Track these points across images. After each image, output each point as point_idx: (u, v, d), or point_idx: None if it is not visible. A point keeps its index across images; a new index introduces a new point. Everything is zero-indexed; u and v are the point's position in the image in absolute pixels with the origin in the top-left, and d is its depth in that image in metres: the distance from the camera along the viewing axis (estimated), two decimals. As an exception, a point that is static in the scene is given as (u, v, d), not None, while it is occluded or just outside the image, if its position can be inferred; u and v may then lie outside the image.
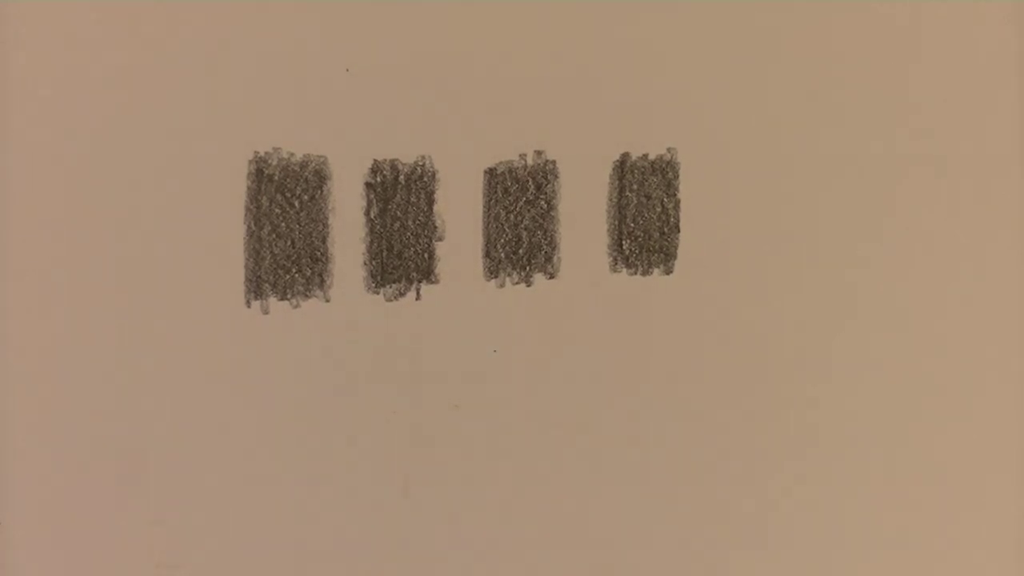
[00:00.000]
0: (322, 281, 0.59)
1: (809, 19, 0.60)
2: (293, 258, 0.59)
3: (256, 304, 0.59)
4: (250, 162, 0.59)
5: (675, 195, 0.60)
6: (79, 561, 0.58)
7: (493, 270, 0.60)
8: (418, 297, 0.60)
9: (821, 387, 0.59)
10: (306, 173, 0.59)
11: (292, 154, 0.59)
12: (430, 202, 0.60)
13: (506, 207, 0.60)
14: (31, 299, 0.58)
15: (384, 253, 0.60)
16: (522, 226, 0.60)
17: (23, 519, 0.58)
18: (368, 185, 0.60)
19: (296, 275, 0.59)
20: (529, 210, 0.60)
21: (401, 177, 0.60)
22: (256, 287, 0.59)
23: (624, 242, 0.60)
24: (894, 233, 0.60)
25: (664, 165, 0.60)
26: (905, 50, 0.60)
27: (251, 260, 0.59)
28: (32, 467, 0.58)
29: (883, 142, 0.59)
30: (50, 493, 0.58)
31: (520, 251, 0.60)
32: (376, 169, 0.60)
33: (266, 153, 0.59)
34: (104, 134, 0.58)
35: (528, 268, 0.60)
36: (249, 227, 0.59)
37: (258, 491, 0.58)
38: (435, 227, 0.60)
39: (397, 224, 0.60)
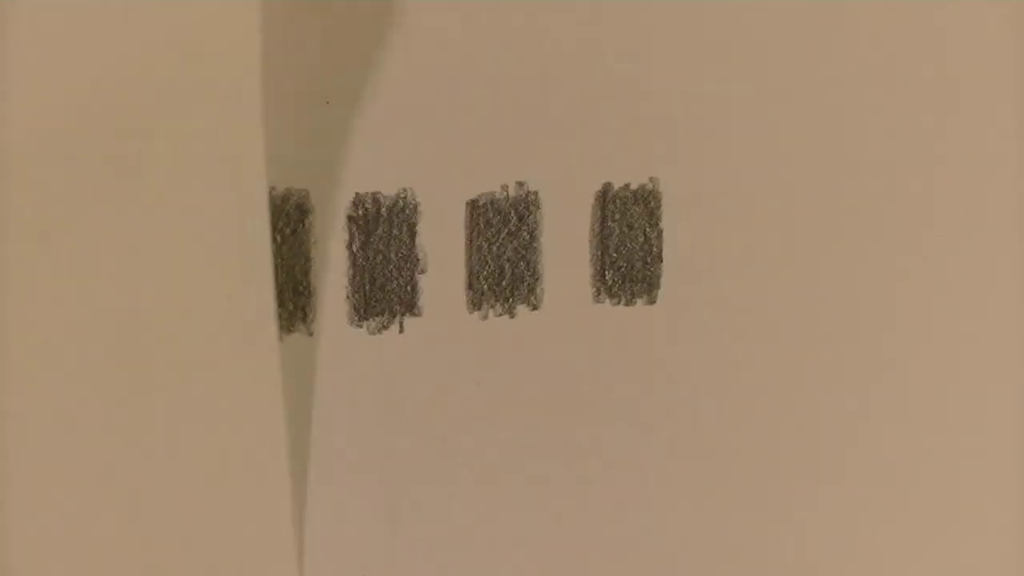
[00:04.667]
0: (304, 315, 0.59)
1: (795, 44, 0.60)
2: (276, 292, 0.59)
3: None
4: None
5: (658, 224, 0.60)
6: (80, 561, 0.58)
7: (476, 302, 0.60)
8: (401, 330, 0.60)
9: (809, 415, 0.60)
10: (287, 207, 0.59)
11: (274, 188, 0.59)
12: (412, 234, 0.60)
13: (488, 239, 0.60)
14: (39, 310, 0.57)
15: (367, 286, 0.59)
16: (505, 257, 0.60)
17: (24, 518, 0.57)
18: (350, 218, 0.59)
19: (279, 309, 0.59)
20: (511, 241, 0.60)
21: (383, 210, 0.59)
22: (238, 323, 0.58)
23: (607, 272, 0.60)
24: (886, 259, 0.60)
25: (646, 195, 0.60)
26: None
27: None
28: (36, 468, 0.57)
29: (873, 164, 0.60)
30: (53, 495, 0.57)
31: (503, 282, 0.60)
32: (358, 202, 0.59)
33: (246, 187, 0.58)
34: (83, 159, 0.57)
35: (511, 299, 0.60)
36: (231, 263, 0.58)
37: (248, 511, 0.58)
38: (418, 259, 0.60)
39: (380, 257, 0.59)
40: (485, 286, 0.60)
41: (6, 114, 0.56)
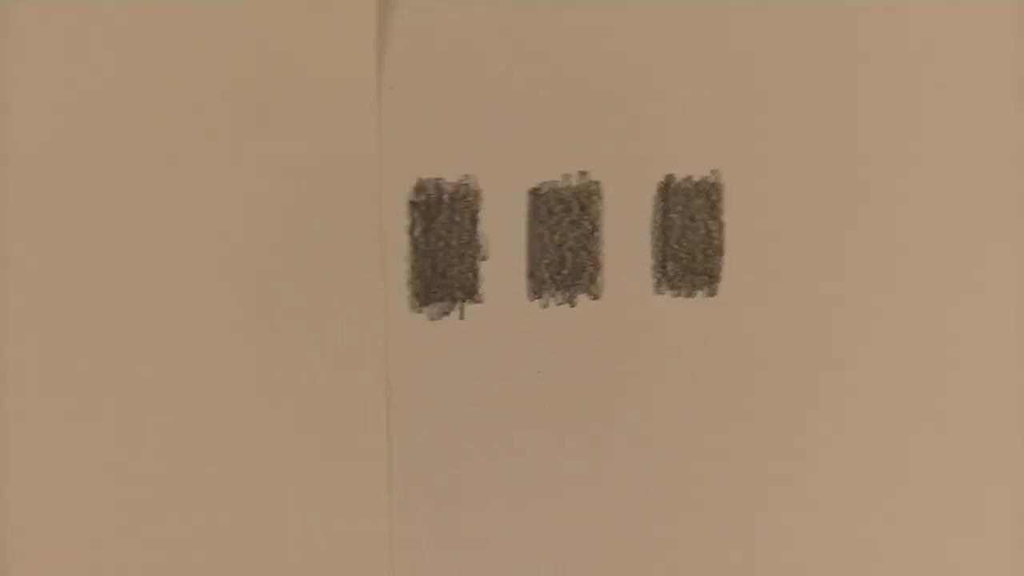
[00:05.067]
0: (366, 300, 0.59)
1: (854, 39, 0.60)
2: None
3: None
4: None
5: (719, 217, 0.60)
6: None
7: (537, 290, 0.60)
8: (462, 316, 0.60)
9: (870, 407, 0.59)
10: (351, 192, 0.59)
11: (337, 173, 0.59)
12: (474, 221, 0.60)
13: (550, 227, 0.60)
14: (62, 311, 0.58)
15: (428, 272, 0.60)
16: (566, 246, 0.60)
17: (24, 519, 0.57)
18: (412, 204, 0.60)
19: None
20: (573, 230, 0.60)
21: (445, 196, 0.60)
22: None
23: (668, 264, 0.60)
24: (946, 252, 0.60)
25: (708, 187, 0.60)
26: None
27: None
28: (41, 470, 0.58)
29: (935, 157, 0.59)
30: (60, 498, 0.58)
31: (564, 271, 0.60)
32: (420, 188, 0.60)
33: (311, 171, 0.59)
34: (137, 142, 0.58)
35: (572, 288, 0.60)
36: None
37: (276, 506, 0.58)
38: (479, 246, 0.60)
39: (441, 243, 0.60)
40: (546, 275, 0.60)
41: (9, 115, 0.56)
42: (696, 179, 0.60)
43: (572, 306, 0.60)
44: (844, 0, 0.60)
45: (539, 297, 0.60)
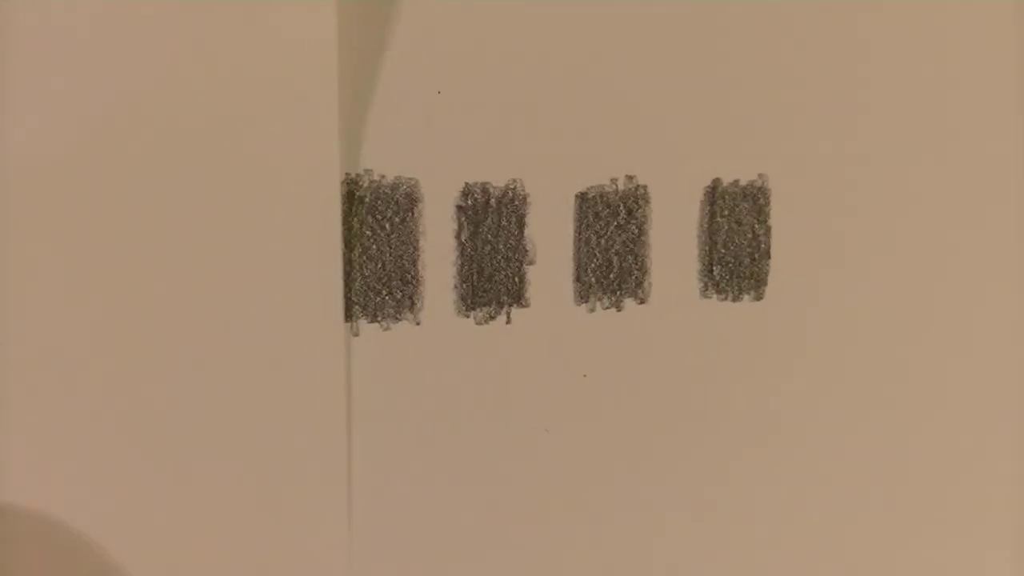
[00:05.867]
0: (412, 304, 0.59)
1: (900, 43, 0.60)
2: (384, 280, 0.59)
3: (346, 326, 0.58)
4: (341, 183, 0.58)
5: (766, 221, 0.60)
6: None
7: (584, 294, 0.60)
8: (508, 321, 0.60)
9: (917, 413, 0.60)
10: (397, 195, 0.59)
11: (383, 176, 0.59)
12: (521, 226, 0.60)
13: (597, 232, 0.60)
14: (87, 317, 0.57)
15: (475, 276, 0.59)
16: (613, 251, 0.60)
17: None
18: (459, 208, 0.59)
19: (386, 297, 0.59)
20: (620, 235, 0.60)
21: (492, 200, 0.59)
22: (346, 309, 0.59)
23: (715, 268, 0.60)
24: (991, 256, 0.60)
25: (755, 191, 0.60)
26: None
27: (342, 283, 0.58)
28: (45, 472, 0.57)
29: (981, 162, 0.60)
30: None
31: (611, 276, 0.60)
32: (467, 192, 0.59)
33: (357, 175, 0.59)
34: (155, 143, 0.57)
35: (619, 293, 0.60)
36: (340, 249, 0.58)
37: (304, 509, 0.58)
38: (526, 251, 0.60)
39: (488, 247, 0.59)
40: (593, 279, 0.60)
41: (9, 115, 0.55)
42: (743, 183, 0.60)
43: (619, 310, 0.60)
44: (889, 2, 0.60)
45: (586, 301, 0.60)
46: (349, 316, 0.59)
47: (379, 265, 0.59)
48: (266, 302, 0.57)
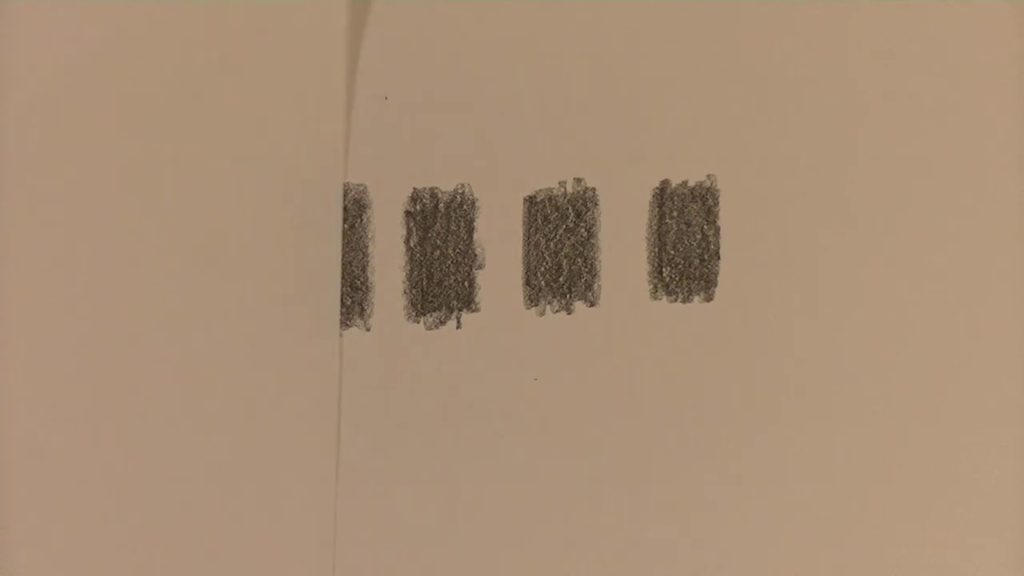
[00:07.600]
0: (362, 310, 0.60)
1: (850, 41, 0.59)
2: (339, 288, 0.59)
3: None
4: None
5: (715, 222, 0.59)
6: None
7: (534, 298, 0.60)
8: (459, 326, 0.60)
9: (867, 411, 0.58)
10: (346, 201, 0.60)
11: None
12: (470, 230, 0.60)
13: (546, 235, 0.60)
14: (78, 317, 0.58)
15: (424, 281, 0.60)
16: (562, 254, 0.60)
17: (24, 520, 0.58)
18: (408, 213, 0.60)
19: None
20: (569, 238, 0.60)
21: (441, 205, 0.60)
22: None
23: (664, 269, 0.59)
24: (944, 254, 0.58)
25: (704, 192, 0.59)
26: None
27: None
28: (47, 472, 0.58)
29: (933, 160, 0.58)
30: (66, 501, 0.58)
31: (560, 279, 0.60)
32: (416, 197, 0.60)
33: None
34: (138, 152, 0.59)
35: (569, 296, 0.60)
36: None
37: (284, 511, 0.58)
38: (475, 255, 0.60)
39: (437, 252, 0.60)
40: (543, 282, 0.60)
41: (10, 115, 0.57)
42: (692, 184, 0.59)
43: (569, 313, 0.60)
44: (840, 1, 0.59)
45: (536, 305, 0.60)
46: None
47: (330, 271, 0.60)
48: (266, 302, 0.58)
